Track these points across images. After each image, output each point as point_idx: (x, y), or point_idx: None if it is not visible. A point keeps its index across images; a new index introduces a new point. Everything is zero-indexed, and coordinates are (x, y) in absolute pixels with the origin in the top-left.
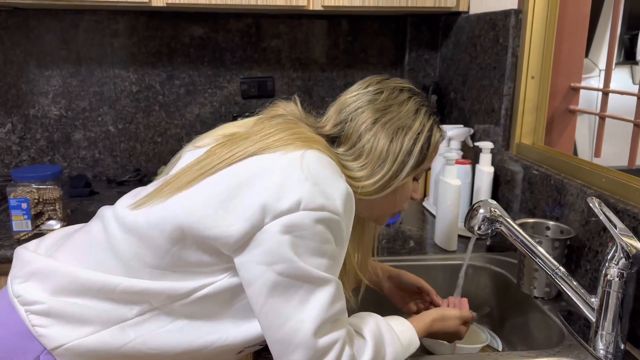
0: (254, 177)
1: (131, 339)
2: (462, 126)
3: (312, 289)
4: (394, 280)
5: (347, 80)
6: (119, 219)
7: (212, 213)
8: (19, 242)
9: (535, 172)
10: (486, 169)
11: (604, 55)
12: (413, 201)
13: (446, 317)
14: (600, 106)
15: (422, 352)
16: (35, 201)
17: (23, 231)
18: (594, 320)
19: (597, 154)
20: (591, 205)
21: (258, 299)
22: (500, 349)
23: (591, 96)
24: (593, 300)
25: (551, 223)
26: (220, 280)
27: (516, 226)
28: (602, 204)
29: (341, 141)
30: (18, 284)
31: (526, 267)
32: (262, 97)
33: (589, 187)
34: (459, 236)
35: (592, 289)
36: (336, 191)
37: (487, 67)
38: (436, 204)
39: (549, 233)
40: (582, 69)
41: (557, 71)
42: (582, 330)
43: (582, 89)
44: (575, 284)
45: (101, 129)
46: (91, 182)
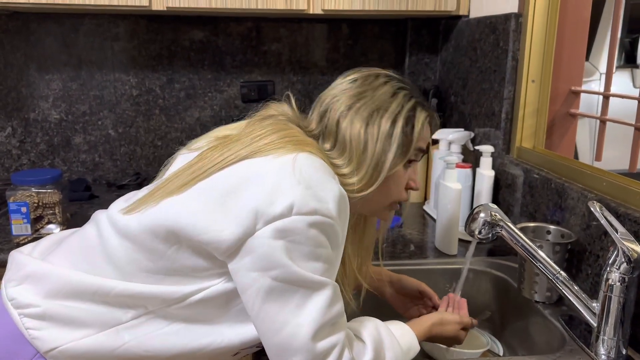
0: (245, 181)
1: (125, 342)
2: (463, 130)
3: (308, 293)
4: (395, 285)
5: None
6: (113, 223)
7: (203, 218)
8: (18, 246)
9: (536, 176)
10: (487, 172)
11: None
12: (412, 190)
13: (445, 321)
14: (601, 110)
15: (421, 356)
16: (35, 205)
17: (22, 235)
18: (595, 325)
19: (598, 157)
20: (592, 209)
21: (254, 305)
22: (501, 353)
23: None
24: (594, 304)
25: (552, 227)
26: (216, 285)
27: (517, 230)
28: (603, 208)
29: (325, 136)
30: (12, 287)
31: (527, 272)
32: (262, 100)
33: (589, 191)
34: (460, 240)
35: (593, 294)
36: (329, 194)
37: (488, 70)
38: (436, 208)
39: (549, 237)
40: (582, 72)
41: (557, 75)
42: (583, 335)
43: (583, 92)
44: (576, 288)
45: (101, 132)
46: (91, 186)
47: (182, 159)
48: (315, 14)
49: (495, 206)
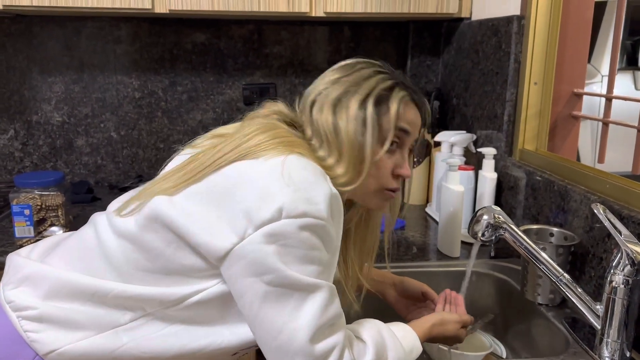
0: (235, 186)
1: (124, 343)
2: (465, 132)
3: (304, 296)
4: (397, 287)
5: None
6: (111, 224)
7: (197, 221)
8: (20, 248)
9: (539, 178)
10: (489, 175)
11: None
12: (401, 178)
13: (445, 321)
14: (604, 112)
15: (423, 358)
16: (38, 207)
17: (25, 237)
18: (599, 327)
19: (601, 159)
20: (595, 211)
21: (251, 311)
22: (504, 356)
23: (593, 102)
24: (598, 307)
25: (555, 229)
26: (213, 286)
27: (520, 232)
28: (607, 210)
29: (306, 127)
30: (10, 290)
31: (530, 274)
32: None
33: (592, 193)
34: (462, 242)
35: (596, 296)
36: (319, 195)
37: (490, 73)
38: (439, 210)
39: (552, 239)
40: (584, 74)
41: (559, 77)
42: (587, 337)
43: (585, 94)
44: (579, 290)
45: (103, 135)
46: (93, 188)
47: (178, 159)
48: (317, 16)
49: (498, 208)
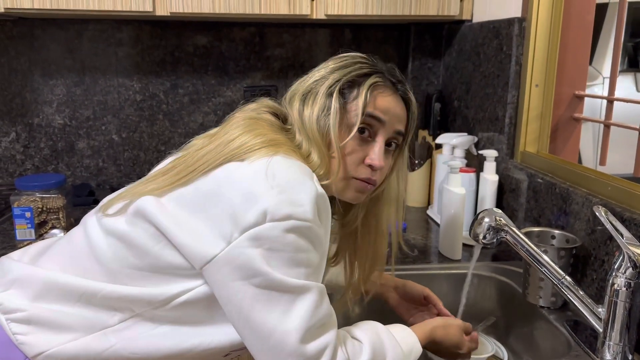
0: (220, 189)
1: (112, 344)
2: (466, 134)
3: (293, 298)
4: (399, 290)
5: None
6: (99, 223)
7: (180, 225)
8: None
9: (540, 181)
10: (490, 177)
11: (607, 62)
12: (376, 171)
13: (449, 324)
14: (605, 114)
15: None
16: (39, 210)
17: (27, 240)
18: (601, 330)
19: (602, 162)
20: (597, 213)
21: (240, 315)
22: (506, 359)
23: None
24: (600, 310)
25: (557, 232)
26: (199, 286)
27: (522, 235)
28: (608, 213)
29: (288, 118)
30: None
31: (532, 277)
32: None
33: (594, 195)
34: (464, 245)
35: (598, 299)
36: (304, 196)
37: (491, 75)
38: (440, 213)
39: (554, 242)
40: (586, 76)
41: (561, 79)
42: (588, 340)
43: (587, 97)
44: (581, 293)
45: (105, 137)
46: (95, 191)
47: (167, 160)
48: (318, 19)
49: (499, 211)
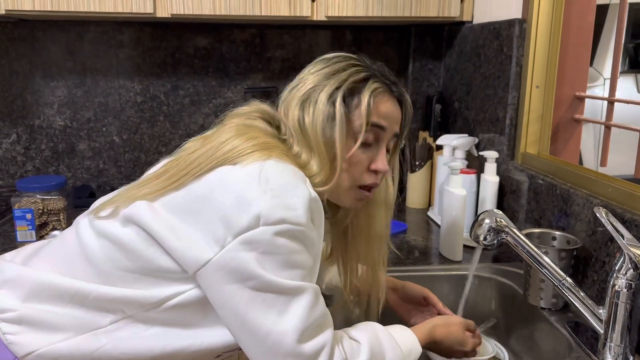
0: (213, 193)
1: (102, 344)
2: (467, 135)
3: (288, 300)
4: (398, 292)
5: None
6: (91, 225)
7: (173, 230)
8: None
9: (541, 182)
10: (491, 178)
11: (608, 63)
12: (379, 175)
13: (450, 322)
14: (606, 115)
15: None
16: (40, 211)
17: (27, 241)
18: (602, 331)
19: (603, 163)
20: (598, 215)
21: (236, 317)
22: None
23: (595, 105)
24: (601, 311)
25: (557, 233)
26: (191, 289)
27: (522, 236)
28: (609, 214)
29: (282, 125)
30: None
31: (532, 278)
32: None
33: (595, 196)
34: (464, 246)
35: (599, 300)
36: (298, 200)
37: (492, 76)
38: (441, 214)
39: (555, 243)
40: (587, 78)
41: (561, 80)
42: (589, 342)
43: (588, 98)
44: (582, 294)
45: (106, 139)
46: (95, 193)
47: (163, 162)
48: (319, 20)
49: (500, 212)
